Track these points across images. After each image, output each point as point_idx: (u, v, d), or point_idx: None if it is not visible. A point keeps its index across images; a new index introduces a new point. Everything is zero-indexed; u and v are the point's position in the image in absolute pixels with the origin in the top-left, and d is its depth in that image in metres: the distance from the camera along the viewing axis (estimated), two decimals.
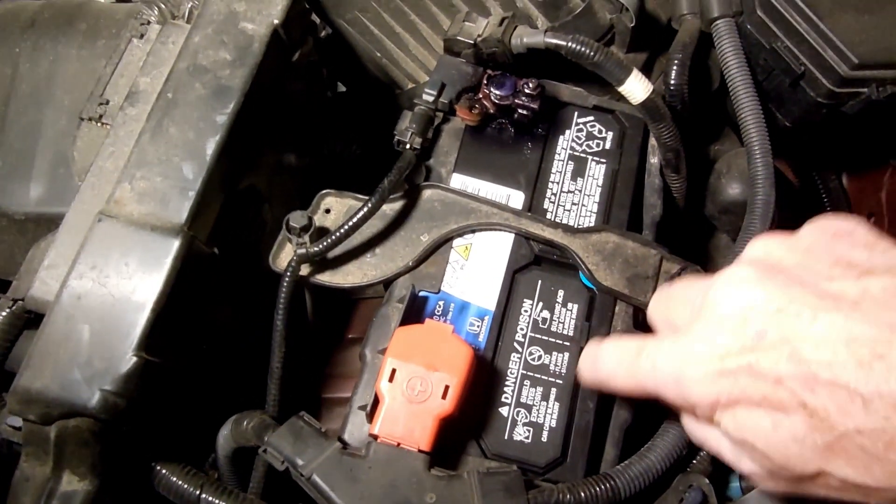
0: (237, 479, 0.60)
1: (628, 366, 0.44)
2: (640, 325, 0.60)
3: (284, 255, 0.60)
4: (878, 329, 0.34)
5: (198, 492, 0.52)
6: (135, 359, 0.47)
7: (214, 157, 0.52)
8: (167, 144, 0.53)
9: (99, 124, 0.58)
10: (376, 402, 0.50)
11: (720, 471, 0.56)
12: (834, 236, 0.40)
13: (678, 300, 0.46)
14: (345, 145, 0.83)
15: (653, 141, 0.67)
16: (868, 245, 0.39)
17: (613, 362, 0.46)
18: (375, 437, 0.49)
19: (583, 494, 0.49)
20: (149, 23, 0.61)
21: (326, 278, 0.60)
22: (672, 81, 0.66)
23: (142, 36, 0.59)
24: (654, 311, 0.48)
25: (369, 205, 0.56)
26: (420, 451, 0.49)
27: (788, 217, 0.86)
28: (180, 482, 0.52)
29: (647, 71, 0.72)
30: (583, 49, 0.61)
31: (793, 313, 0.36)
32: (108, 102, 0.58)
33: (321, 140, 0.76)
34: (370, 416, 0.51)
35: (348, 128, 0.83)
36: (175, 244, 0.50)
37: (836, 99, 0.62)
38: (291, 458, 0.48)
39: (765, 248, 0.41)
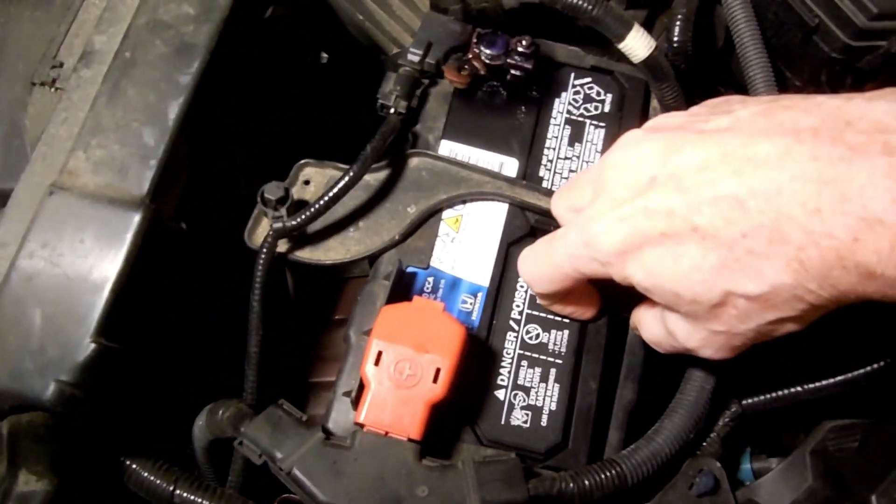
0: (216, 472, 0.56)
1: (545, 258, 0.46)
2: (637, 297, 0.56)
3: (260, 231, 0.55)
4: (745, 137, 0.37)
5: (171, 488, 0.48)
6: (92, 345, 0.43)
7: (178, 122, 0.48)
8: (125, 108, 0.48)
9: (52, 89, 0.53)
10: (362, 387, 0.46)
11: (731, 453, 0.53)
12: (716, 103, 0.44)
13: (578, 184, 0.48)
14: (328, 114, 0.78)
15: (654, 103, 0.63)
16: (743, 100, 0.42)
17: (531, 264, 0.48)
18: (361, 426, 0.45)
19: (587, 482, 0.45)
20: None
21: (306, 255, 0.55)
22: (676, 38, 0.61)
23: None
24: (557, 205, 0.50)
25: (351, 174, 0.52)
26: (410, 440, 0.45)
27: None
28: (153, 478, 0.48)
29: (647, 28, 0.67)
30: (580, 2, 0.56)
31: (674, 152, 0.39)
32: (61, 65, 0.53)
33: (301, 108, 0.71)
34: (355, 403, 0.47)
35: (331, 96, 0.78)
36: (135, 218, 0.45)
37: (851, 54, 0.58)
38: (269, 451, 0.44)
39: (654, 120, 0.45)
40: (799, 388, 0.53)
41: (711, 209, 0.37)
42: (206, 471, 0.56)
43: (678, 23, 0.62)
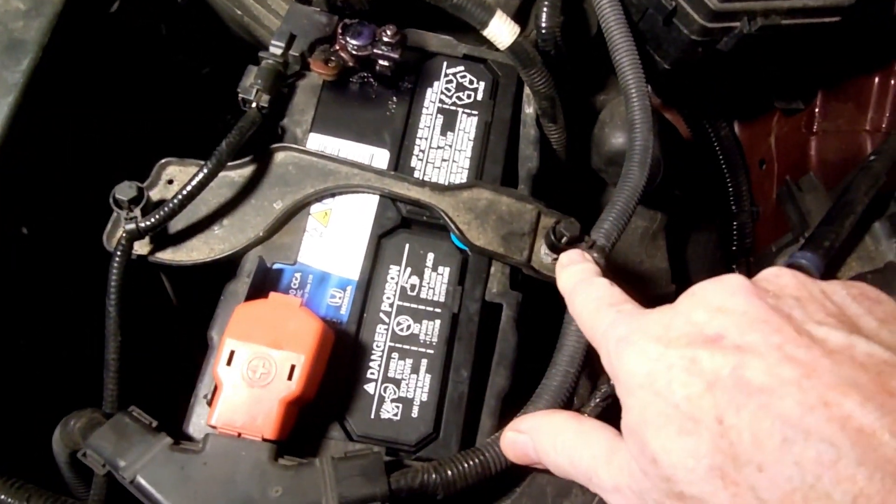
0: (85, 486, 0.54)
1: (591, 311, 0.43)
2: (517, 285, 0.56)
3: (119, 233, 0.53)
4: (835, 382, 0.30)
5: None
6: None
7: (8, 123, 0.45)
8: None
9: None
10: (215, 389, 0.45)
11: None
12: (858, 296, 0.36)
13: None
14: (209, 113, 0.76)
15: (528, 90, 0.63)
16: (886, 320, 0.34)
17: (580, 303, 0.45)
18: (214, 428, 0.44)
19: (450, 473, 0.45)
20: None
21: (169, 255, 0.53)
22: (543, 24, 0.62)
23: None
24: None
25: (205, 170, 0.50)
26: (264, 439, 0.43)
27: (679, 168, 0.84)
28: (2, 496, 0.45)
29: (523, 17, 0.68)
30: None
31: (759, 331, 0.33)
32: None
33: (172, 106, 0.69)
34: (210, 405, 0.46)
35: (212, 95, 0.76)
36: None
37: (709, 35, 0.59)
38: (112, 460, 0.42)
39: (779, 277, 0.37)
40: None
41: (751, 418, 0.31)
42: (74, 486, 0.53)
43: (545, 9, 0.62)
